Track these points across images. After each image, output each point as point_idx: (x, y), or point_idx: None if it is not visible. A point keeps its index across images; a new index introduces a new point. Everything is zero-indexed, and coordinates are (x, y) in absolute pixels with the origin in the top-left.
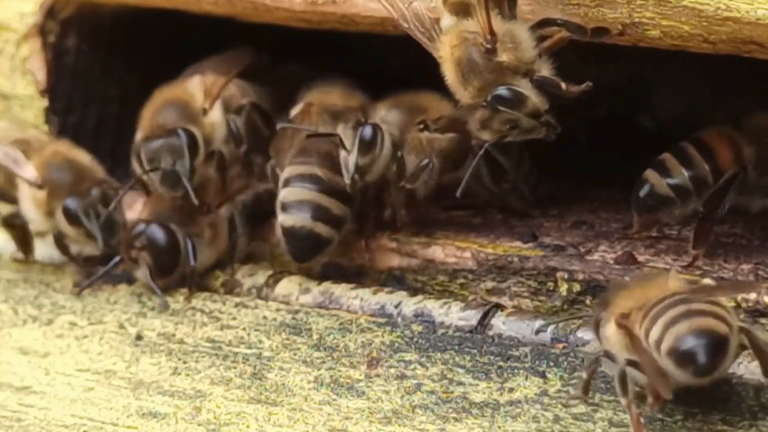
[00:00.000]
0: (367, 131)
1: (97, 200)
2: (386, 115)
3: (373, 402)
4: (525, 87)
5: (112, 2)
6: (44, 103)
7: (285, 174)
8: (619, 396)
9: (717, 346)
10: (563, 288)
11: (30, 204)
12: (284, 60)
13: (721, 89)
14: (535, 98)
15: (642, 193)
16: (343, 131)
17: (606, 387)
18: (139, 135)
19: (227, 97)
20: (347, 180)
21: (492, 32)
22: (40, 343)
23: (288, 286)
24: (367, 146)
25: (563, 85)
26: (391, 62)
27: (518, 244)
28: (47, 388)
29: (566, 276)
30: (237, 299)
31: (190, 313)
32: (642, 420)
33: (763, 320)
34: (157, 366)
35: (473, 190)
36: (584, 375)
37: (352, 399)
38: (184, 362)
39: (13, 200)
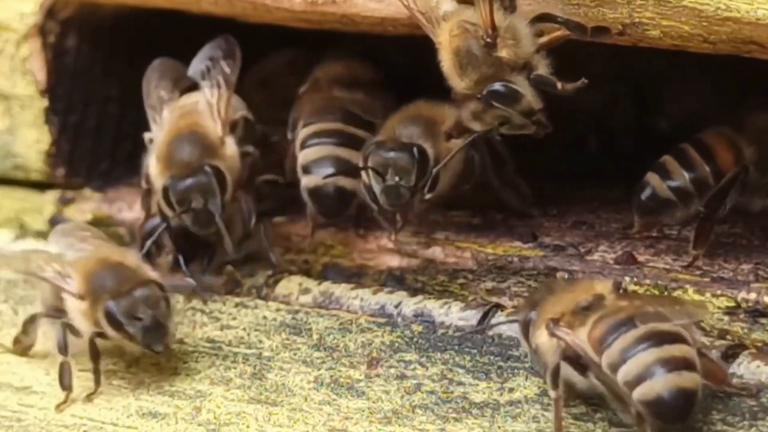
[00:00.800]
0: (417, 152)
1: (140, 302)
2: (407, 132)
3: (373, 402)
4: (521, 84)
5: (112, 2)
6: (44, 103)
7: (300, 137)
8: (548, 389)
9: (693, 404)
10: None
11: (76, 315)
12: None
13: (725, 89)
14: (530, 96)
15: (643, 196)
16: (389, 159)
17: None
18: (159, 171)
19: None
20: (388, 206)
21: (494, 27)
22: (40, 343)
23: (288, 286)
24: (423, 167)
25: (559, 84)
26: (392, 61)
27: (518, 244)
28: (47, 388)
29: (566, 276)
30: (237, 299)
31: (190, 313)
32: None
33: (763, 320)
34: (157, 366)
35: (475, 185)
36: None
37: (352, 399)
38: (184, 362)
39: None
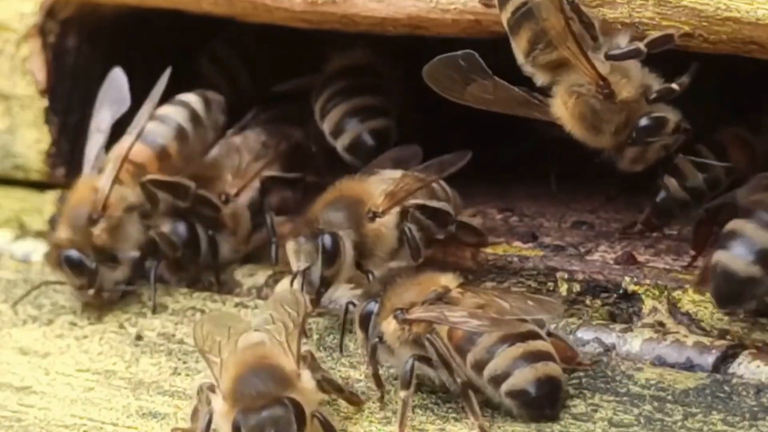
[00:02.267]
0: (327, 241)
1: (267, 423)
2: (328, 217)
3: (373, 402)
4: (657, 109)
5: (112, 2)
6: (44, 103)
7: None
8: (399, 386)
9: (559, 392)
10: (563, 288)
11: (219, 416)
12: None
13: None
14: (669, 113)
15: (659, 198)
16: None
17: (606, 387)
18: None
19: None
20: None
21: (602, 77)
22: (40, 343)
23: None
24: (331, 257)
25: (674, 86)
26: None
27: (518, 244)
28: (47, 388)
29: (566, 276)
30: (237, 299)
31: (190, 313)
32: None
33: (763, 320)
34: (157, 366)
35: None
36: (369, 370)
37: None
38: (184, 362)
39: None
